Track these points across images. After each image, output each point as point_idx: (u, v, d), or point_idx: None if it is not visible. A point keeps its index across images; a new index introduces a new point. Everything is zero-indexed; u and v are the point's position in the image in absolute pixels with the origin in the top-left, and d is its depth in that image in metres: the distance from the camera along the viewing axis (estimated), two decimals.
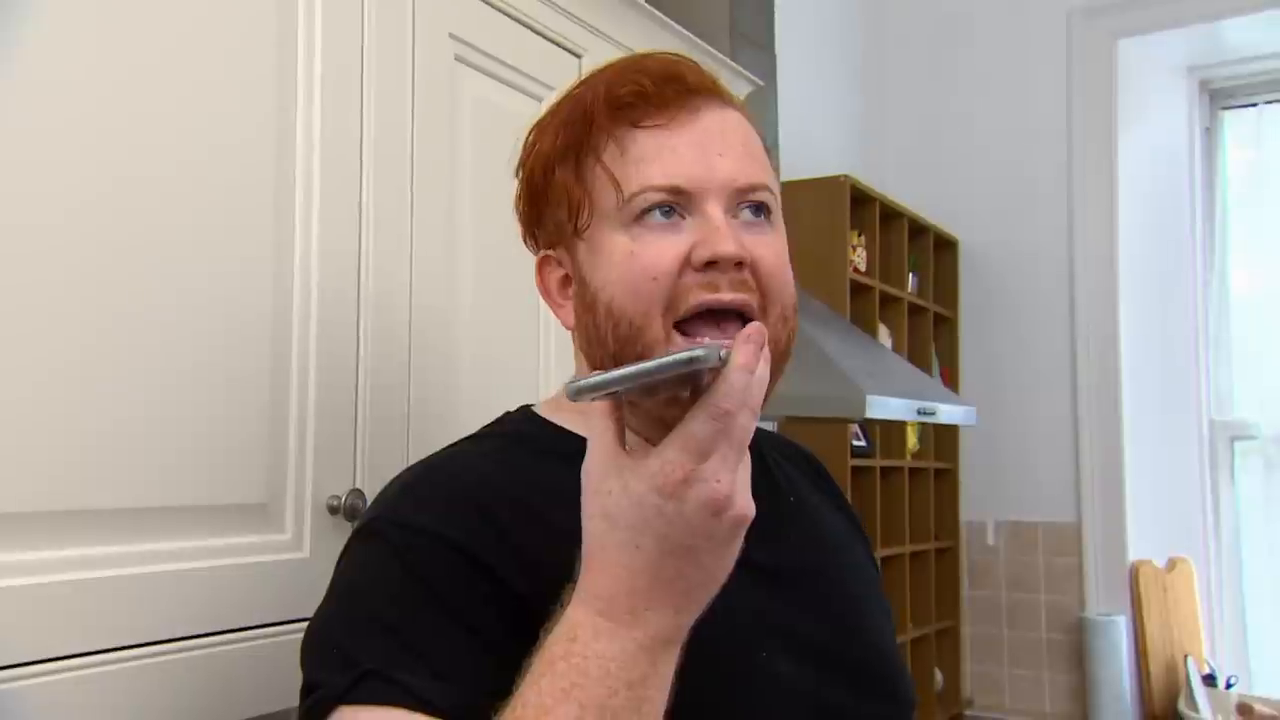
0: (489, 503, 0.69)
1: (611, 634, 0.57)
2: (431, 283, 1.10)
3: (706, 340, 0.68)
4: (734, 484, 0.57)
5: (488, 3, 1.19)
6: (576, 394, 0.57)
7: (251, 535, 0.92)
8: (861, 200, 2.80)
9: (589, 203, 0.72)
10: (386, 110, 1.06)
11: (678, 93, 0.72)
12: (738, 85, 1.69)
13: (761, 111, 2.11)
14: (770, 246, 0.72)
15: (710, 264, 0.68)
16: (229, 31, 0.92)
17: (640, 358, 0.69)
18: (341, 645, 0.65)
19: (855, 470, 2.68)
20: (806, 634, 0.76)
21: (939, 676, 3.19)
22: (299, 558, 0.95)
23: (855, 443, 2.73)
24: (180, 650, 0.86)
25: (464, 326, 1.15)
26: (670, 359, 0.55)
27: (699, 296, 0.69)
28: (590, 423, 0.60)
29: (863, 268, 2.78)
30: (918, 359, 3.12)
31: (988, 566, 3.35)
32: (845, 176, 2.67)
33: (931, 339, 3.26)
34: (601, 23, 1.34)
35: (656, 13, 1.43)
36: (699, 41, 1.53)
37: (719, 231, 0.69)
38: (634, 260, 0.69)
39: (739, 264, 0.69)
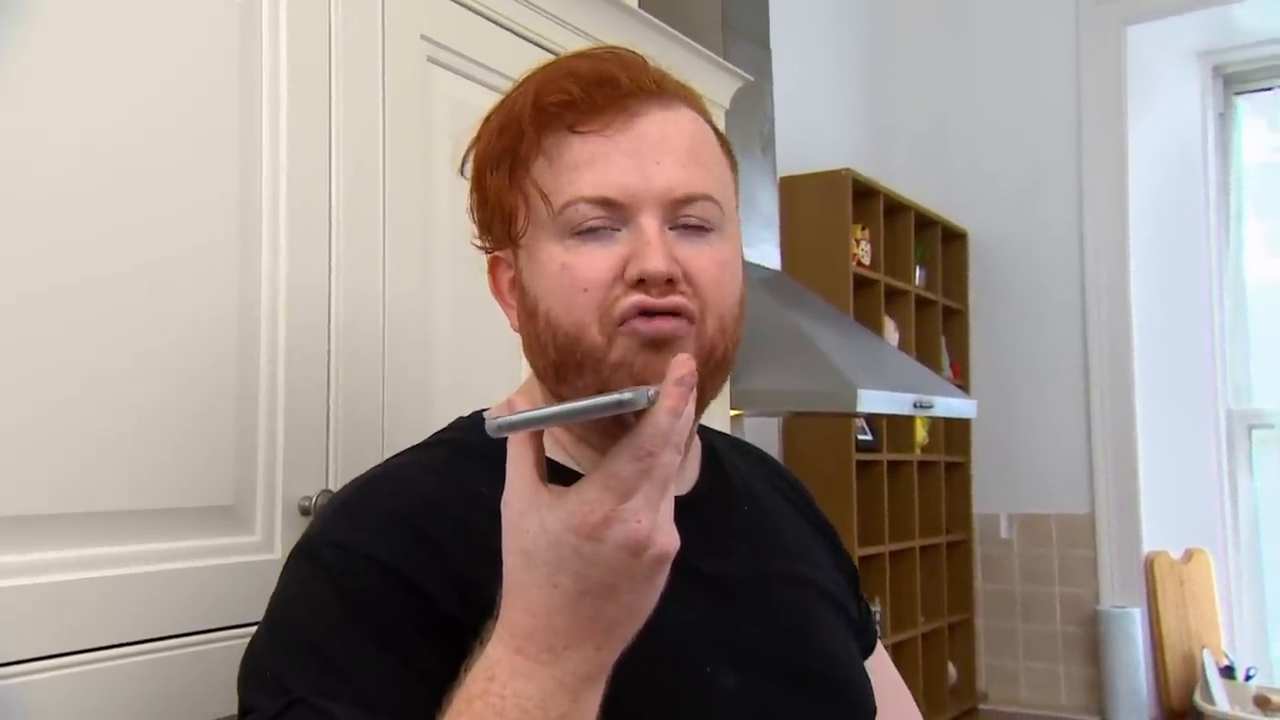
0: (427, 522, 0.69)
1: (529, 673, 0.57)
2: (406, 283, 1.11)
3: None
4: (655, 522, 0.56)
5: (460, 3, 1.19)
6: (498, 431, 0.56)
7: (222, 537, 0.93)
8: (865, 193, 2.79)
9: (525, 211, 0.71)
10: (356, 114, 1.06)
11: (611, 97, 0.69)
12: (726, 81, 1.68)
13: (756, 107, 2.10)
14: (710, 257, 0.70)
15: (640, 280, 0.67)
16: (189, 37, 0.92)
17: (578, 366, 0.69)
18: (274, 668, 0.65)
19: (861, 464, 2.67)
20: (755, 644, 0.75)
21: (952, 670, 3.17)
22: (269, 559, 0.95)
23: (860, 436, 2.72)
24: (153, 651, 0.87)
25: (439, 327, 1.15)
26: (598, 402, 0.55)
27: (631, 297, 0.67)
28: (509, 451, 0.59)
29: (867, 261, 2.77)
30: (926, 352, 3.10)
31: (1001, 559, 3.33)
32: (847, 170, 2.66)
33: (940, 331, 3.25)
34: (579, 19, 1.34)
35: (635, 8, 1.43)
36: (681, 36, 1.52)
37: (650, 246, 0.67)
38: (566, 273, 0.68)
39: (670, 280, 0.67)
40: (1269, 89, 3.44)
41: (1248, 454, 3.34)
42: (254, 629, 0.93)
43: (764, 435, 2.59)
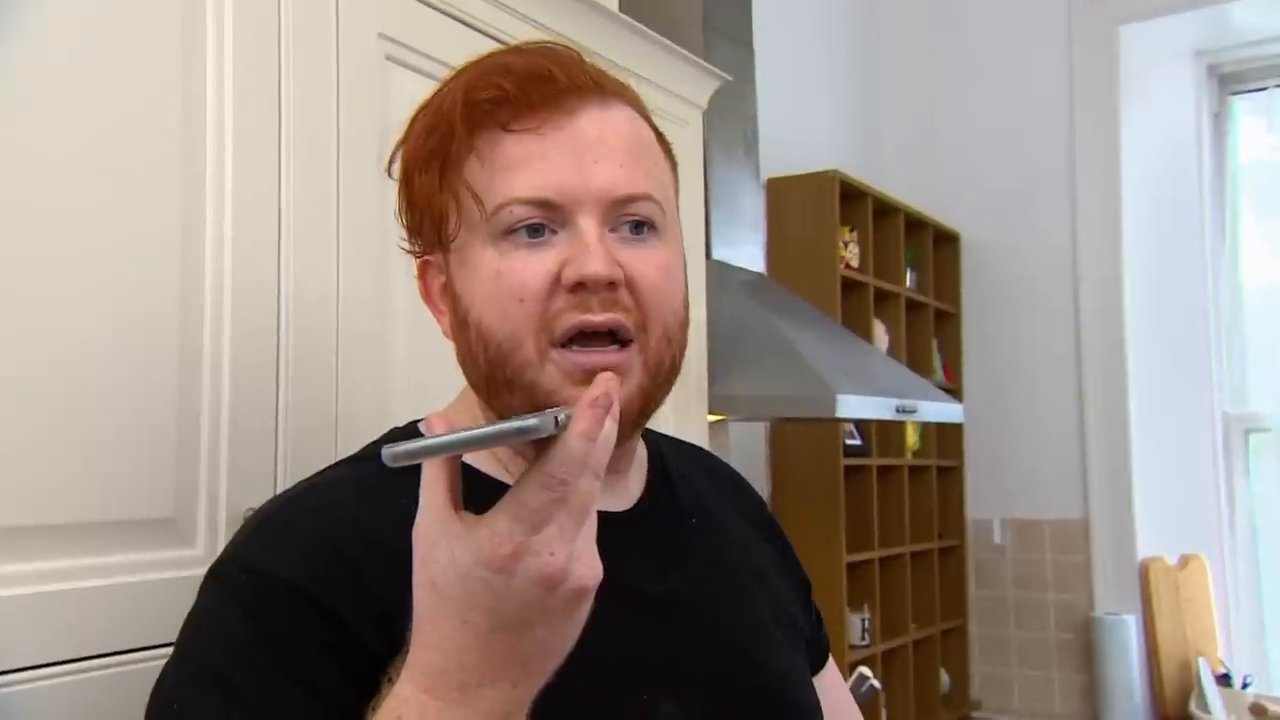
0: (349, 545, 0.65)
1: (439, 713, 0.54)
2: (362, 284, 1.08)
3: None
4: (571, 555, 0.53)
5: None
6: (393, 461, 0.52)
7: (160, 551, 0.90)
8: (853, 195, 2.76)
9: (457, 213, 0.68)
10: (307, 112, 1.03)
11: (547, 94, 0.66)
12: (704, 81, 1.65)
13: (738, 107, 2.07)
14: (651, 261, 0.67)
15: (580, 285, 0.64)
16: (131, 31, 0.89)
17: (509, 382, 0.66)
18: (181, 700, 0.62)
19: (849, 469, 2.64)
20: (699, 666, 0.72)
21: (945, 678, 3.14)
22: None
23: (850, 441, 2.68)
24: (87, 671, 0.83)
25: (398, 330, 1.12)
26: (498, 429, 0.51)
27: (571, 318, 0.64)
28: (423, 475, 0.55)
29: (855, 264, 2.74)
30: (917, 355, 3.07)
31: (994, 565, 3.29)
32: (834, 171, 2.62)
33: (932, 335, 3.21)
34: (543, 16, 1.31)
35: (600, 2, 1.39)
36: (657, 36, 1.49)
37: (589, 250, 0.64)
38: (501, 280, 0.65)
39: (611, 284, 0.64)
40: (1264, 89, 3.41)
41: (1245, 458, 3.30)
42: None
43: (750, 441, 2.56)
